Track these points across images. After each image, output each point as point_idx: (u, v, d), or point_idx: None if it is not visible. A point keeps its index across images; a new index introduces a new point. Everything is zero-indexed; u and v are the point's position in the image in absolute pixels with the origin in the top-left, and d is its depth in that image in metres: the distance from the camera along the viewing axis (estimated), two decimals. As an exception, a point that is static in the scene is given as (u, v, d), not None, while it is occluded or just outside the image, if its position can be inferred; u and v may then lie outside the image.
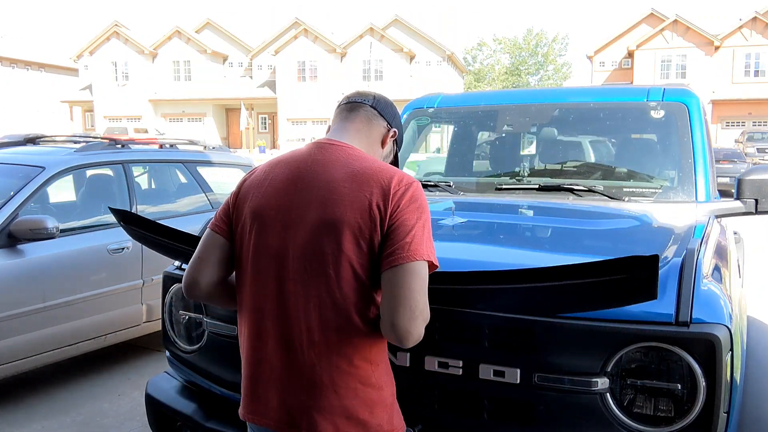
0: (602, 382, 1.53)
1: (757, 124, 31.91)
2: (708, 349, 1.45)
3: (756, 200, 2.51)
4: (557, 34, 65.01)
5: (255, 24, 42.74)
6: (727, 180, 11.94)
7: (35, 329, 3.40)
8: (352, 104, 1.54)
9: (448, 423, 1.70)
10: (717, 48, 33.49)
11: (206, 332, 2.11)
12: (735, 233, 3.58)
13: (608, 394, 1.53)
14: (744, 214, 2.55)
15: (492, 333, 1.63)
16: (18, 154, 4.14)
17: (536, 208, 2.66)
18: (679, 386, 1.49)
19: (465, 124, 3.71)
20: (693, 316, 1.49)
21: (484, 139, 3.70)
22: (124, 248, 3.89)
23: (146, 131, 30.53)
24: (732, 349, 1.50)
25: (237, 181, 1.53)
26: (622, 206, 2.58)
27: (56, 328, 3.51)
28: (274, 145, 37.54)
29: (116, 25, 38.35)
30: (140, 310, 4.03)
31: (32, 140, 4.62)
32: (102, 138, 4.91)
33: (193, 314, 2.16)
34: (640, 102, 2.99)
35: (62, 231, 3.56)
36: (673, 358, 1.49)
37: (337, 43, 36.35)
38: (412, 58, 36.59)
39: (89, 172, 4.25)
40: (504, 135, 3.52)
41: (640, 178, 2.92)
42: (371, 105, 1.54)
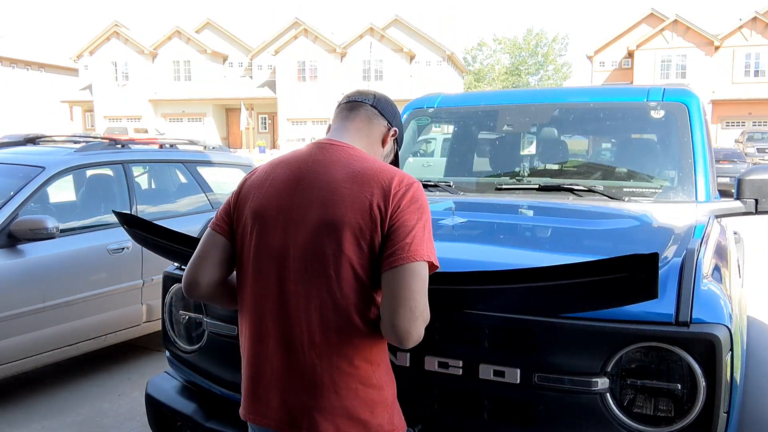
0: (602, 382, 1.53)
1: (757, 124, 31.90)
2: (708, 349, 1.45)
3: (756, 200, 2.51)
4: (557, 34, 65.02)
5: (255, 24, 42.78)
6: (727, 180, 11.93)
7: (35, 329, 3.40)
8: (353, 103, 1.54)
9: (448, 423, 1.70)
10: (717, 48, 33.49)
11: (206, 332, 2.11)
12: (735, 233, 3.58)
13: (608, 394, 1.53)
14: (744, 214, 2.55)
15: (492, 333, 1.63)
16: (18, 154, 4.14)
17: (536, 208, 2.66)
18: (679, 386, 1.49)
19: (465, 124, 3.71)
20: (693, 316, 1.49)
21: (485, 139, 3.70)
22: (124, 248, 3.89)
23: (146, 131, 30.52)
24: (732, 349, 1.50)
25: (237, 181, 1.52)
26: (622, 206, 2.58)
27: (56, 328, 3.51)
28: (274, 145, 37.54)
29: (116, 25, 38.36)
30: (140, 310, 4.03)
31: (32, 140, 4.62)
32: (102, 138, 4.91)
33: (193, 314, 2.16)
34: (640, 102, 2.99)
35: (62, 231, 3.56)
36: (673, 358, 1.49)
37: (337, 43, 36.35)
38: (412, 58, 36.59)
39: (89, 172, 4.25)
40: (504, 135, 3.52)
41: (640, 178, 2.92)
42: (371, 104, 1.53)
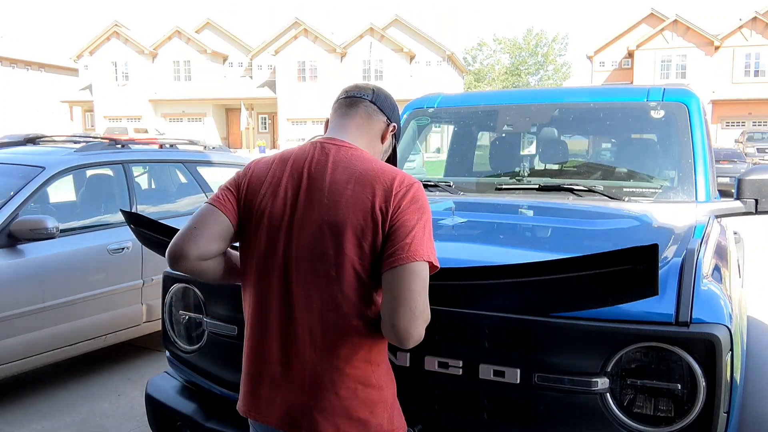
0: (602, 382, 1.53)
1: (757, 124, 31.91)
2: (708, 349, 1.45)
3: (756, 200, 2.51)
4: (557, 34, 65.10)
5: (255, 24, 42.79)
6: (727, 180, 11.93)
7: (35, 329, 3.40)
8: (352, 99, 1.52)
9: (448, 423, 1.70)
10: (717, 48, 33.49)
11: (206, 332, 2.11)
12: (735, 233, 3.58)
13: (608, 394, 1.53)
14: (744, 214, 2.55)
15: (492, 333, 1.63)
16: (18, 154, 4.14)
17: (536, 208, 2.66)
18: (679, 386, 1.49)
19: (465, 124, 3.71)
20: (693, 316, 1.48)
21: (485, 139, 3.70)
22: (124, 248, 3.89)
23: (146, 131, 30.52)
24: (732, 349, 1.50)
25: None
26: (622, 206, 2.58)
27: (56, 328, 3.51)
28: (274, 145, 37.53)
29: (116, 25, 38.36)
30: (140, 310, 4.03)
31: (32, 140, 4.62)
32: (102, 138, 4.91)
33: (193, 314, 2.15)
34: (640, 102, 2.99)
35: (62, 231, 3.56)
36: (673, 358, 1.49)
37: (337, 43, 36.35)
38: (412, 58, 36.58)
39: (89, 172, 4.25)
40: (504, 135, 3.52)
41: (640, 178, 2.92)
42: (371, 100, 1.52)
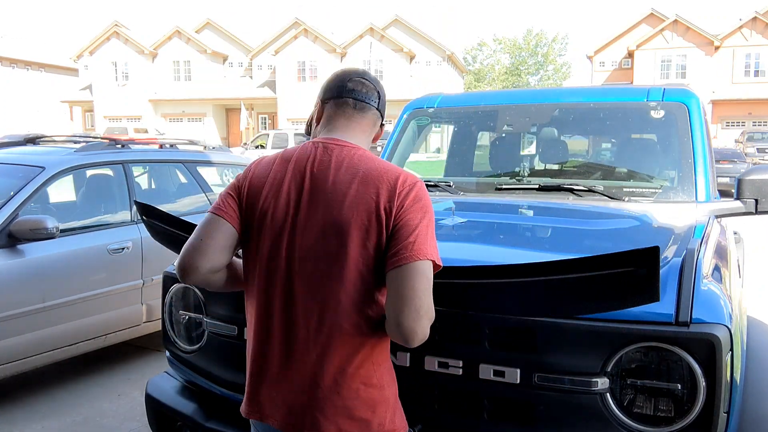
0: (602, 382, 1.53)
1: (757, 124, 31.90)
2: (708, 349, 1.45)
3: (756, 200, 2.51)
4: (557, 34, 65.03)
5: (255, 24, 42.72)
6: (727, 180, 11.93)
7: (35, 329, 3.40)
8: (363, 104, 1.50)
9: (448, 423, 1.70)
10: (717, 48, 33.48)
11: (206, 332, 2.11)
12: (735, 233, 3.58)
13: (608, 394, 1.53)
14: (744, 214, 2.55)
15: (492, 333, 1.63)
16: (18, 154, 4.14)
17: (536, 208, 2.66)
18: (679, 386, 1.49)
19: (465, 124, 3.71)
20: (693, 316, 1.49)
21: (485, 139, 3.70)
22: (124, 248, 3.89)
23: (146, 131, 30.50)
24: (732, 349, 1.50)
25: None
26: (622, 206, 2.58)
27: (56, 328, 3.51)
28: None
29: (116, 25, 38.33)
30: (140, 310, 4.03)
31: (32, 140, 4.62)
32: (102, 138, 4.92)
33: (193, 314, 2.15)
34: (640, 102, 2.99)
35: (62, 231, 3.56)
36: (673, 358, 1.49)
37: (337, 43, 36.34)
38: (412, 58, 36.57)
39: (89, 172, 4.25)
40: (504, 135, 3.52)
41: (640, 178, 2.92)
42: (377, 108, 1.54)
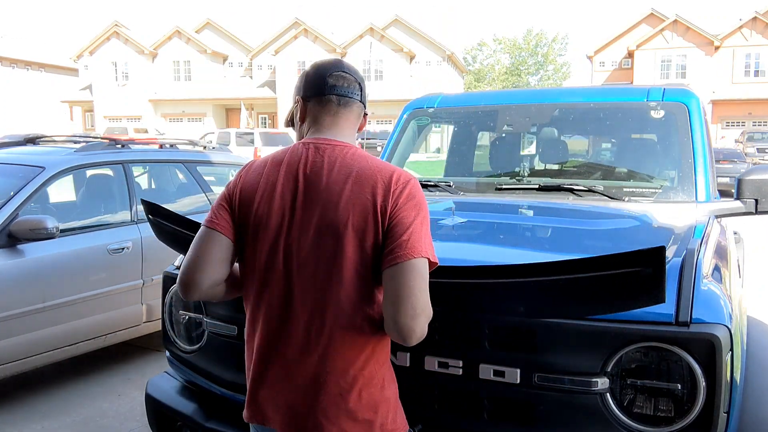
0: (602, 382, 1.53)
1: (757, 124, 31.90)
2: (708, 349, 1.45)
3: (756, 200, 2.51)
4: (557, 34, 65.08)
5: (255, 24, 42.71)
6: (727, 180, 11.93)
7: (35, 329, 3.40)
8: (346, 100, 1.49)
9: (448, 423, 1.70)
10: (717, 48, 33.48)
11: (206, 332, 2.11)
12: (735, 233, 3.58)
13: (608, 394, 1.53)
14: (744, 214, 2.55)
15: (492, 333, 1.63)
16: (18, 154, 4.14)
17: (536, 208, 2.66)
18: (679, 386, 1.49)
19: (465, 124, 3.71)
20: (693, 316, 1.49)
21: (485, 139, 3.70)
22: (124, 248, 3.89)
23: (146, 131, 30.49)
24: (732, 349, 1.50)
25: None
26: (622, 206, 2.58)
27: (56, 328, 3.51)
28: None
29: (116, 25, 38.33)
30: (140, 310, 4.03)
31: (32, 140, 4.62)
32: (102, 138, 4.91)
33: (193, 314, 2.15)
34: (640, 102, 2.99)
35: (62, 231, 3.55)
36: (673, 358, 1.49)
37: (337, 43, 36.34)
38: (412, 58, 36.57)
39: (89, 172, 4.25)
40: (504, 135, 3.52)
41: (640, 178, 2.92)
42: (360, 100, 1.52)
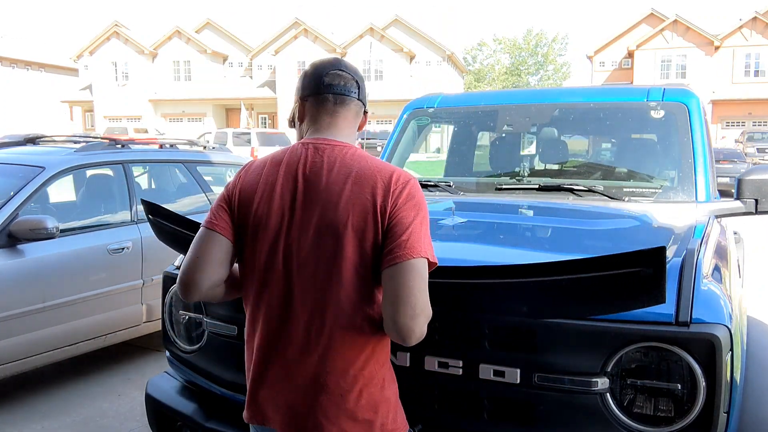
0: (602, 382, 1.53)
1: (757, 124, 31.89)
2: (708, 349, 1.45)
3: (756, 200, 2.51)
4: (557, 34, 65.07)
5: (255, 24, 42.70)
6: (727, 180, 11.93)
7: (35, 329, 3.40)
8: (342, 98, 1.48)
9: (448, 423, 1.70)
10: (717, 48, 33.48)
11: (206, 332, 2.11)
12: (735, 233, 3.58)
13: (608, 394, 1.53)
14: (744, 214, 2.55)
15: (492, 333, 1.63)
16: (18, 154, 4.14)
17: (536, 208, 2.66)
18: (679, 386, 1.49)
19: (465, 124, 3.71)
20: (693, 316, 1.49)
21: (485, 139, 3.70)
22: (124, 248, 3.89)
23: (146, 131, 30.49)
24: (732, 349, 1.50)
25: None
26: (622, 206, 2.58)
27: (56, 328, 3.51)
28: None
29: (116, 25, 38.33)
30: (140, 310, 4.03)
31: (32, 140, 4.62)
32: (102, 138, 4.92)
33: (193, 314, 2.15)
34: (640, 102, 2.99)
35: (62, 231, 3.55)
36: (673, 358, 1.49)
37: (337, 43, 36.34)
38: (412, 58, 36.58)
39: (89, 172, 4.25)
40: (504, 135, 3.52)
41: (640, 178, 2.92)
42: (358, 98, 1.51)
